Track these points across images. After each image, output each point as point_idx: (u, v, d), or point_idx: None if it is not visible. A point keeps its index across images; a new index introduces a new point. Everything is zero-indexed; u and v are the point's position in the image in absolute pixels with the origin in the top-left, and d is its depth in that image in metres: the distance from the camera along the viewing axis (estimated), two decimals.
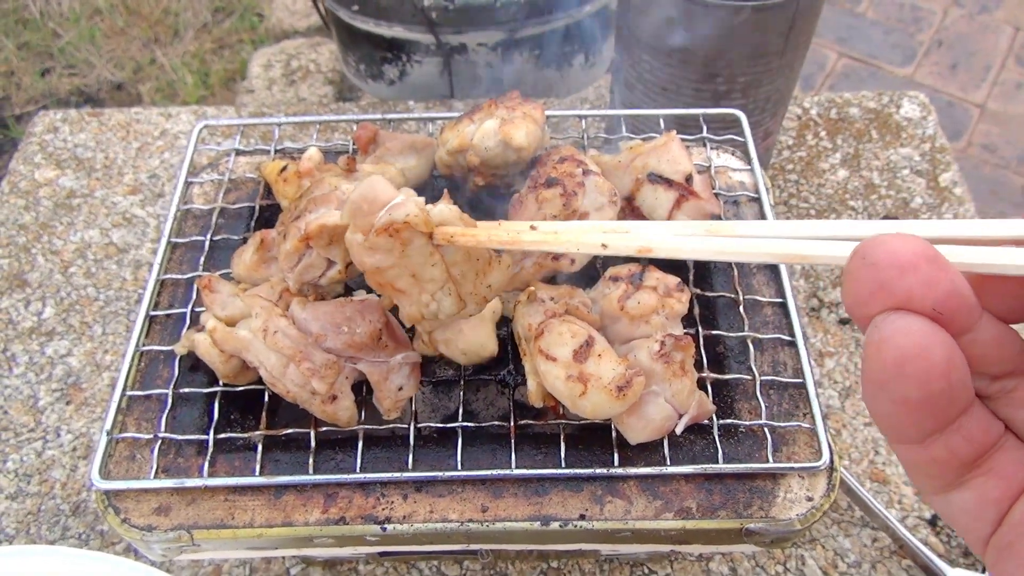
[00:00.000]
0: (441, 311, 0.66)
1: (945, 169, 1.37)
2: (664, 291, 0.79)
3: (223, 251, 0.93)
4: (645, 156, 0.90)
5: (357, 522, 0.77)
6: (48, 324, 1.24)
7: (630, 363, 0.74)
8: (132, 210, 1.37)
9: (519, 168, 0.92)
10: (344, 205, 0.79)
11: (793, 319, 0.87)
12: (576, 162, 0.86)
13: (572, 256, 0.82)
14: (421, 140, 0.96)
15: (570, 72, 1.63)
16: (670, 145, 0.91)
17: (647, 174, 0.89)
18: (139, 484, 0.77)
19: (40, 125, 1.48)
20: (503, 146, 0.89)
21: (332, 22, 1.64)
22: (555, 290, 0.80)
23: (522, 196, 0.85)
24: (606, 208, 0.84)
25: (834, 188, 1.36)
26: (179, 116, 1.50)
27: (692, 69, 1.16)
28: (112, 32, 2.99)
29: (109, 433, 0.79)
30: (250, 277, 0.82)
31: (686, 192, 0.88)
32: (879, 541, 1.02)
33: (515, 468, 0.76)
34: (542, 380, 0.74)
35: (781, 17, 1.11)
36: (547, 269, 0.83)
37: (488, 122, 0.90)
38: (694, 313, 0.87)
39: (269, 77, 1.89)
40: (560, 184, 0.83)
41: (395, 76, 1.63)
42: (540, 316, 0.77)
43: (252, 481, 0.77)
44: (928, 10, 3.44)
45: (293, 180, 0.90)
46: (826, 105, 1.47)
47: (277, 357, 0.74)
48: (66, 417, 1.17)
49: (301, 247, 0.76)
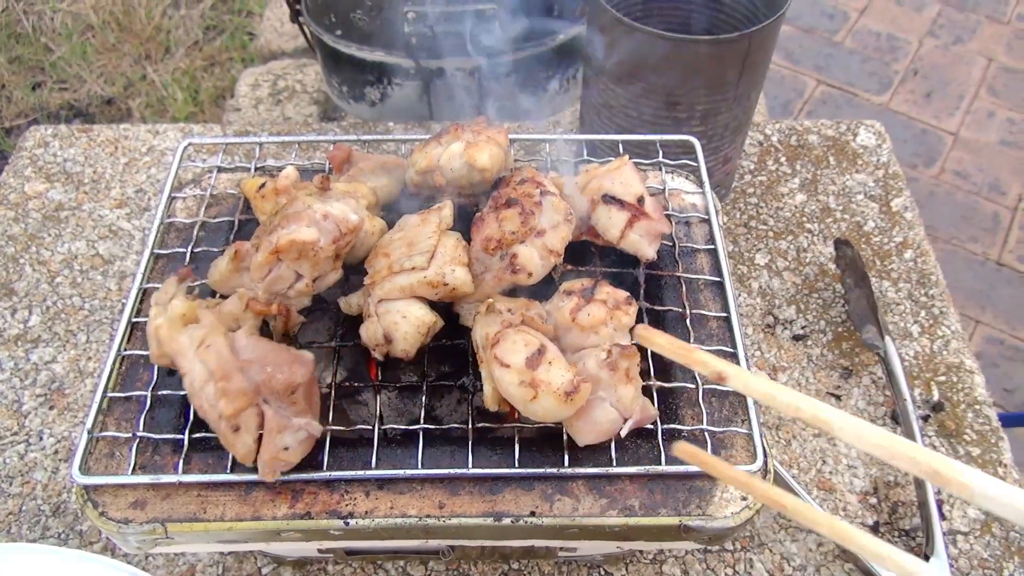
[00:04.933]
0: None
1: (897, 195, 1.44)
2: (613, 304, 0.85)
3: (204, 263, 0.98)
4: (600, 178, 0.97)
5: (322, 517, 0.82)
6: (34, 332, 1.29)
7: (579, 370, 0.80)
8: (118, 223, 1.42)
9: (484, 188, 0.98)
10: (315, 223, 0.85)
11: (735, 332, 0.92)
12: (535, 183, 0.92)
13: (530, 270, 0.88)
14: (392, 160, 1.02)
15: (545, 97, 1.70)
16: (623, 168, 0.97)
17: (601, 195, 0.95)
18: (117, 479, 0.82)
19: (31, 140, 1.54)
20: (468, 167, 0.95)
21: (317, 45, 1.70)
22: (513, 302, 0.86)
23: (484, 215, 0.91)
24: (561, 226, 0.90)
25: (792, 211, 1.43)
26: (166, 133, 1.56)
27: (653, 98, 1.23)
28: (104, 48, 3.04)
29: (90, 432, 0.84)
30: (224, 286, 0.87)
31: (638, 212, 0.94)
32: (824, 546, 1.08)
33: (471, 467, 0.82)
34: (497, 385, 0.80)
35: (736, 51, 1.18)
36: (506, 282, 0.89)
37: (454, 144, 0.96)
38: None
39: (256, 96, 1.95)
40: (519, 204, 0.89)
41: (376, 98, 1.69)
42: (497, 326, 0.83)
43: (223, 478, 0.82)
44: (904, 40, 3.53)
45: (271, 196, 0.96)
46: (787, 132, 1.54)
47: (201, 369, 0.77)
48: (49, 421, 1.21)
49: (272, 260, 0.82)
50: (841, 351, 1.26)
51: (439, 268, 0.84)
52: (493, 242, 0.87)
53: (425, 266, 0.84)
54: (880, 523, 1.10)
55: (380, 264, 0.87)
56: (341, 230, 0.85)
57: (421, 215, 0.92)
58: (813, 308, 1.31)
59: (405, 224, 0.91)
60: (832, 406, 0.52)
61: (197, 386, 0.78)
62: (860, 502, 1.12)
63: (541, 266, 0.88)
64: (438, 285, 0.84)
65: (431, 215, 0.91)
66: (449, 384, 0.92)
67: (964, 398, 1.20)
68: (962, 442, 1.16)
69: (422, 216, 0.91)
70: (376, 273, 0.86)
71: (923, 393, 1.21)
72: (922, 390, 1.21)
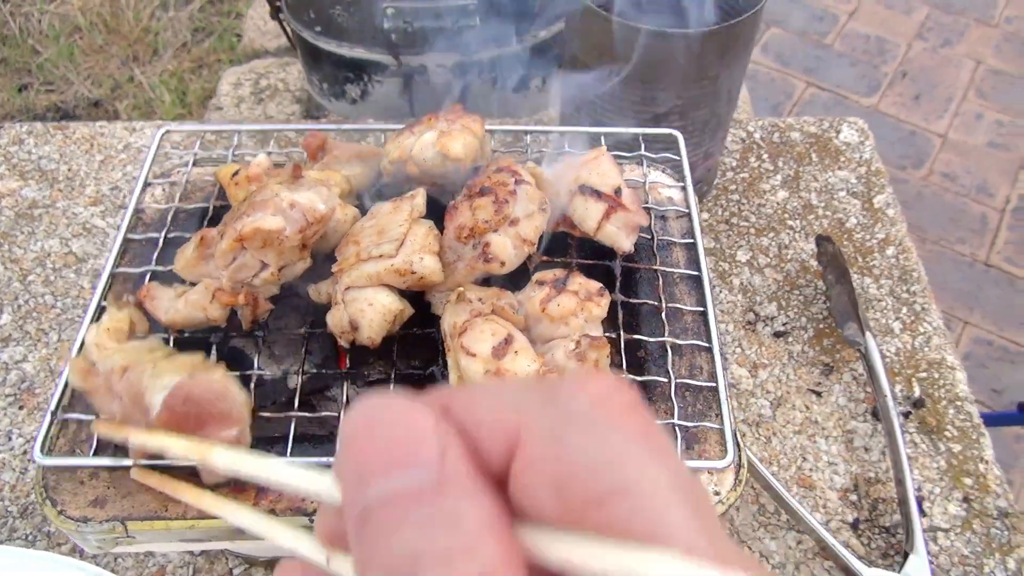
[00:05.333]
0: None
1: (880, 191, 1.43)
2: (585, 295, 0.84)
3: (175, 248, 0.97)
4: (576, 169, 0.95)
5: (287, 514, 0.80)
6: (4, 331, 1.27)
7: (546, 360, 0.78)
8: (92, 221, 1.40)
9: (459, 177, 0.97)
10: (281, 211, 0.84)
11: (711, 326, 0.91)
12: (511, 172, 0.90)
13: (503, 259, 0.86)
14: (368, 149, 1.01)
15: (527, 93, 1.69)
16: (600, 159, 0.96)
17: (579, 186, 0.94)
18: (78, 461, 0.80)
19: (5, 137, 1.52)
20: (440, 157, 0.93)
21: (297, 42, 1.69)
22: (484, 291, 0.85)
23: (457, 203, 0.90)
24: (536, 215, 0.89)
25: (774, 208, 1.42)
26: (143, 131, 1.54)
27: (631, 91, 1.22)
28: (91, 50, 3.03)
29: (54, 413, 0.82)
30: (190, 273, 0.85)
31: (615, 204, 0.93)
32: (803, 543, 1.06)
33: None
34: (463, 374, 0.79)
35: (715, 43, 1.17)
36: (479, 272, 0.88)
37: (427, 134, 0.95)
38: (618, 319, 0.91)
39: (238, 95, 1.93)
40: (493, 193, 0.87)
41: (357, 95, 1.68)
42: (466, 315, 0.81)
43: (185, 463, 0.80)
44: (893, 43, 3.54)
45: (243, 184, 0.94)
46: (769, 129, 1.53)
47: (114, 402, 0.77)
48: (18, 421, 1.19)
49: (236, 247, 0.80)
50: (822, 348, 1.25)
51: (407, 256, 0.83)
52: (466, 230, 0.85)
53: (393, 254, 0.83)
54: (860, 520, 1.08)
55: (349, 251, 0.85)
56: (308, 219, 0.83)
57: (393, 203, 0.90)
58: (794, 305, 1.30)
59: (377, 212, 0.90)
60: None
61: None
62: (840, 499, 1.10)
63: (514, 256, 0.86)
64: (406, 273, 0.83)
65: (403, 203, 0.89)
66: (419, 373, 0.90)
67: (946, 394, 1.19)
68: (943, 438, 1.15)
69: (394, 204, 0.90)
70: (344, 260, 0.85)
71: (904, 389, 1.20)
72: (903, 386, 1.20)
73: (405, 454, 0.24)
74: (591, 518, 0.23)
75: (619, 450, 0.24)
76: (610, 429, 0.24)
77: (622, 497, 0.23)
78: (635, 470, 0.23)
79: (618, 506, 0.23)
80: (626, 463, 0.23)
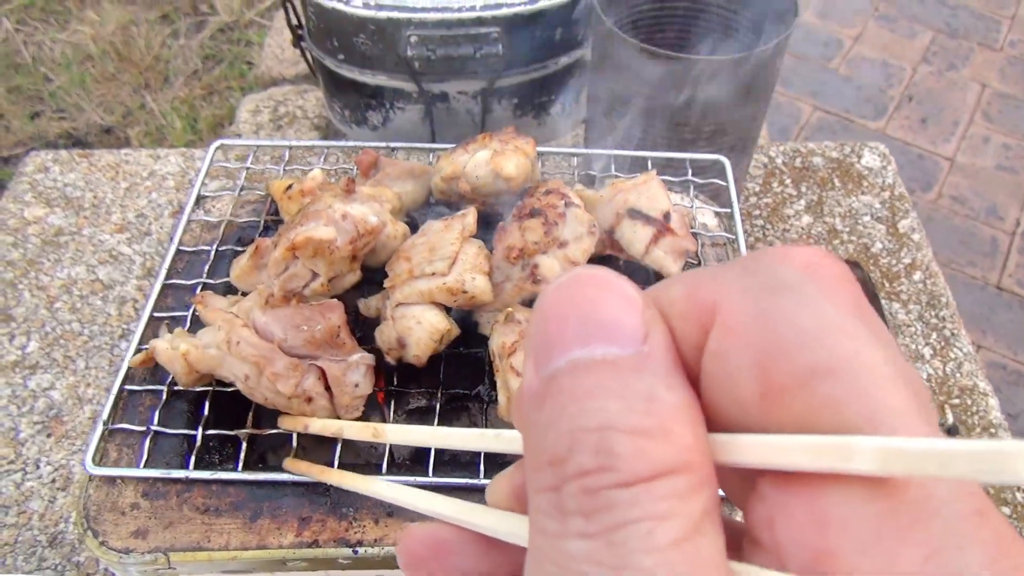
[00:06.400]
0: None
1: (904, 216, 1.43)
2: None
3: (228, 261, 0.97)
4: (626, 192, 0.95)
5: (330, 545, 0.79)
6: (32, 358, 1.27)
7: None
8: (118, 248, 1.40)
9: (509, 198, 0.97)
10: (333, 222, 0.84)
11: None
12: (560, 195, 0.91)
13: (550, 280, 0.86)
14: (419, 167, 1.01)
15: (548, 120, 1.70)
16: (650, 183, 0.96)
17: (627, 209, 0.94)
18: (130, 472, 0.79)
19: (31, 165, 1.53)
20: (493, 176, 0.93)
21: (319, 70, 1.70)
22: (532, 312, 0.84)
23: (507, 224, 0.90)
24: (584, 238, 0.89)
25: (799, 233, 1.42)
26: (167, 158, 1.55)
27: (659, 119, 1.22)
28: (103, 77, 3.05)
29: (105, 423, 0.82)
30: (244, 282, 0.86)
31: (663, 228, 0.93)
32: None
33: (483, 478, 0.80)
34: (512, 395, 0.78)
35: (741, 71, 1.18)
36: (527, 292, 0.88)
37: (480, 152, 0.95)
38: None
39: (257, 122, 1.94)
40: (543, 215, 0.88)
41: (378, 122, 1.69)
42: (515, 335, 0.81)
43: (233, 476, 0.80)
44: (898, 67, 3.56)
45: (297, 198, 0.95)
46: (791, 155, 1.54)
47: (248, 367, 0.77)
48: (46, 449, 1.18)
49: (288, 256, 0.81)
50: None
51: (459, 275, 0.83)
52: (515, 251, 0.85)
53: (445, 272, 0.83)
54: None
55: (400, 268, 0.85)
56: (359, 231, 0.84)
57: (444, 221, 0.90)
58: None
59: (428, 229, 0.90)
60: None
61: (252, 384, 0.77)
62: None
63: None
64: (457, 292, 0.83)
65: (454, 222, 0.90)
66: (464, 393, 0.90)
67: (979, 421, 1.18)
68: None
69: (445, 222, 0.90)
70: (396, 277, 0.85)
71: (937, 416, 1.19)
72: (936, 413, 1.20)
73: (608, 327, 0.21)
74: (796, 402, 0.20)
75: (833, 322, 0.21)
76: (822, 299, 0.21)
77: (836, 376, 0.20)
78: (851, 346, 0.20)
79: (831, 386, 0.20)
80: (840, 337, 0.20)
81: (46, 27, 3.22)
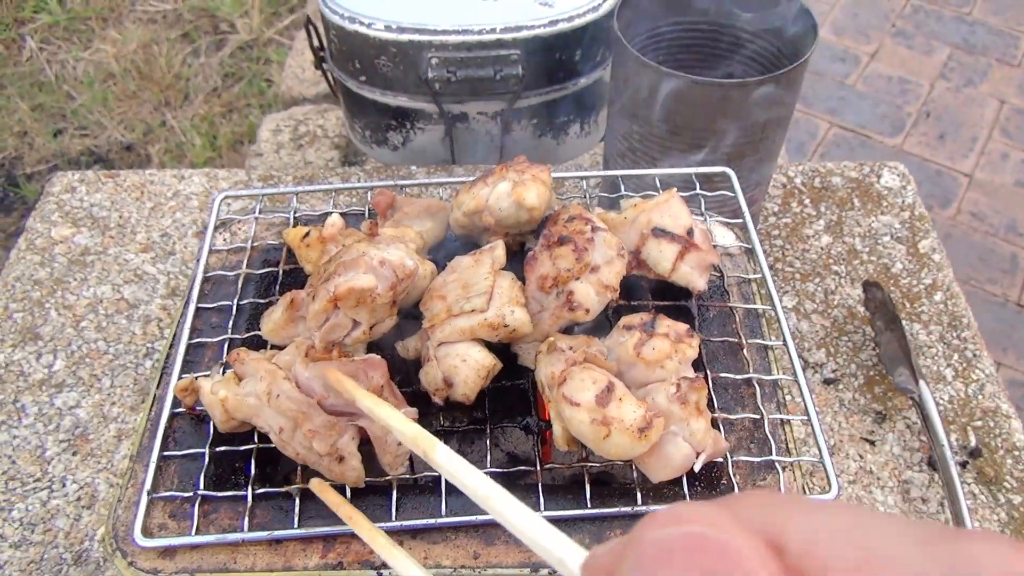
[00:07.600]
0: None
1: (924, 236, 1.43)
2: (676, 337, 0.84)
3: (248, 315, 0.98)
4: (648, 212, 0.96)
5: (354, 567, 0.80)
6: (58, 376, 1.28)
7: (649, 406, 0.78)
8: (143, 267, 1.42)
9: (530, 227, 0.98)
10: (372, 269, 0.84)
11: (794, 360, 0.91)
12: (585, 220, 0.91)
13: (587, 306, 0.87)
14: (436, 204, 1.02)
15: (566, 140, 1.71)
16: (671, 201, 0.97)
17: (651, 228, 0.94)
18: (184, 540, 0.80)
19: (58, 185, 1.55)
20: (516, 207, 0.94)
21: (340, 91, 1.72)
22: (573, 340, 0.85)
23: (536, 253, 0.90)
24: (615, 261, 0.89)
25: (818, 253, 1.42)
26: (191, 178, 1.57)
27: (678, 141, 1.23)
28: (124, 95, 3.09)
29: (150, 493, 0.82)
30: (278, 336, 0.86)
31: (688, 244, 0.93)
32: None
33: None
34: (567, 425, 0.79)
35: (762, 93, 1.18)
36: (564, 321, 0.88)
37: (501, 184, 0.96)
38: (702, 358, 0.92)
39: (278, 141, 1.96)
40: (572, 242, 0.88)
41: (399, 142, 1.70)
42: (562, 364, 0.82)
43: (290, 534, 0.80)
44: (915, 83, 3.55)
45: (316, 245, 0.95)
46: (810, 174, 1.54)
47: (284, 420, 0.77)
48: (72, 467, 1.20)
49: (329, 308, 0.81)
50: (873, 395, 1.24)
51: (498, 309, 0.83)
52: (549, 280, 0.86)
53: (484, 308, 0.83)
54: None
55: (437, 307, 0.86)
56: (398, 276, 0.84)
57: (473, 256, 0.91)
58: (843, 351, 1.30)
59: (457, 266, 0.91)
60: None
61: (286, 437, 0.77)
62: None
63: (598, 302, 0.87)
64: (498, 327, 0.83)
65: (483, 256, 0.90)
66: (512, 425, 0.91)
67: (1003, 443, 1.18)
68: (1002, 489, 1.13)
69: (474, 257, 0.91)
70: (434, 316, 0.85)
71: (960, 439, 1.19)
72: (959, 435, 1.19)
73: None
74: None
75: None
76: None
77: None
78: None
79: None
80: None
81: (69, 46, 3.27)
